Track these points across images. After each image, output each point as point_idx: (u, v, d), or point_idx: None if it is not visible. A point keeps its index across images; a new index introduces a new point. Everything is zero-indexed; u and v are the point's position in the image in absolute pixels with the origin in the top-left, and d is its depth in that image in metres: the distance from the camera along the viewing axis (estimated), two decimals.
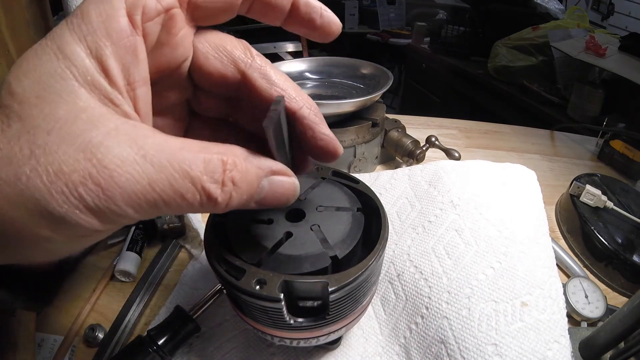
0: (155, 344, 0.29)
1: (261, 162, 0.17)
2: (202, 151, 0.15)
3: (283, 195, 0.19)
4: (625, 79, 0.91)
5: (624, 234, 0.43)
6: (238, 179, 0.16)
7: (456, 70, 1.69)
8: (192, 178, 0.14)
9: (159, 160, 0.14)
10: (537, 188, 0.38)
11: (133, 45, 0.15)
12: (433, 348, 0.28)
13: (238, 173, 0.16)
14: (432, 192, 0.39)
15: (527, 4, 1.60)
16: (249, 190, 0.16)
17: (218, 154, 0.15)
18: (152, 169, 0.14)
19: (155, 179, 0.14)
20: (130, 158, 0.13)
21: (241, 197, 0.16)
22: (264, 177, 0.17)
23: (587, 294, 0.36)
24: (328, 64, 0.62)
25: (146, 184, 0.14)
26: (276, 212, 0.26)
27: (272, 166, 0.18)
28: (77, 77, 0.14)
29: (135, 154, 0.13)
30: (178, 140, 0.15)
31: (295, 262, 0.23)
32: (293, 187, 0.19)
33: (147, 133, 0.14)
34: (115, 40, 0.14)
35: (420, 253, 0.34)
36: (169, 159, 0.14)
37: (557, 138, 0.75)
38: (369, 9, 2.44)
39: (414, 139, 0.54)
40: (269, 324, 0.23)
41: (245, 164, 0.16)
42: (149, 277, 0.37)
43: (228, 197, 0.15)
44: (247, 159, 0.17)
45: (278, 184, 0.18)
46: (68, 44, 0.14)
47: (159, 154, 0.14)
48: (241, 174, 0.16)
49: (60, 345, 0.32)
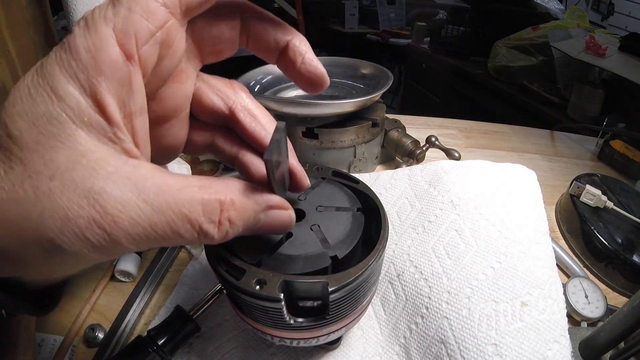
0: (155, 344, 0.29)
1: (258, 197, 0.18)
2: (200, 191, 0.15)
3: (279, 227, 0.20)
4: (625, 79, 0.91)
5: (624, 234, 0.43)
6: (234, 217, 0.16)
7: (456, 70, 1.69)
8: (190, 220, 0.15)
9: (159, 203, 0.14)
10: (537, 188, 0.38)
11: (127, 77, 0.14)
12: (433, 348, 0.28)
13: (235, 212, 0.16)
14: (432, 192, 0.39)
15: (527, 4, 1.60)
16: (245, 224, 0.17)
17: (216, 194, 0.16)
18: (152, 212, 0.14)
19: (155, 221, 0.14)
20: (131, 202, 0.14)
21: (237, 231, 0.17)
22: (260, 212, 0.18)
23: (587, 294, 0.36)
24: (328, 64, 0.62)
25: (147, 226, 0.14)
26: None
27: (269, 201, 0.18)
28: (73, 119, 0.14)
29: (137, 198, 0.14)
30: (177, 180, 0.15)
31: (296, 262, 0.23)
32: (289, 219, 0.20)
33: (147, 174, 0.15)
34: (108, 74, 0.14)
35: (420, 253, 0.34)
36: (169, 202, 0.15)
37: (557, 138, 0.75)
38: (369, 9, 2.45)
39: (414, 139, 0.54)
40: (269, 324, 0.23)
41: (243, 200, 0.17)
42: (149, 277, 0.37)
43: (224, 234, 0.16)
44: (245, 194, 0.17)
45: (275, 217, 0.19)
46: (60, 84, 0.14)
47: (158, 196, 0.14)
48: (238, 212, 0.16)
49: (60, 345, 0.32)
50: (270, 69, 0.59)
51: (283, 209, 0.19)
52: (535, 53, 1.32)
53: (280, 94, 0.57)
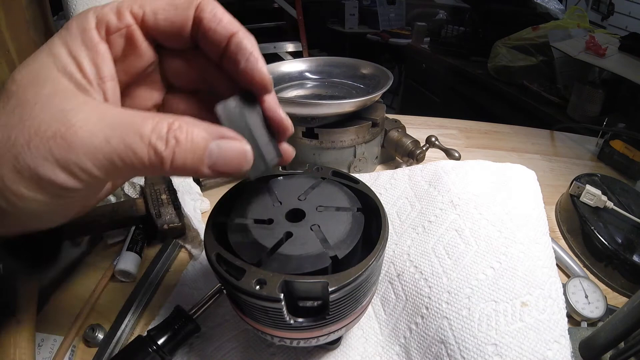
0: (155, 344, 0.29)
1: (210, 127, 0.19)
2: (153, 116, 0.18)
3: (233, 161, 0.19)
4: (625, 79, 0.91)
5: (624, 234, 0.43)
6: (181, 138, 0.18)
7: (456, 70, 1.69)
8: (141, 135, 0.17)
9: (115, 121, 0.17)
10: (537, 188, 0.38)
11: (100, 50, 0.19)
12: (433, 348, 0.28)
13: (182, 133, 0.18)
14: (432, 192, 0.39)
15: (527, 4, 1.60)
16: (193, 149, 0.18)
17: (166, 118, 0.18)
18: (108, 128, 0.17)
19: (110, 135, 0.17)
20: (92, 119, 0.17)
21: (186, 156, 0.18)
22: (211, 140, 0.18)
23: (587, 294, 0.36)
24: (328, 64, 0.62)
25: (103, 138, 0.16)
26: (276, 212, 0.26)
27: (222, 131, 0.19)
28: (59, 68, 0.18)
29: (97, 117, 0.17)
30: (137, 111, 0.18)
31: (295, 262, 0.23)
32: (243, 151, 0.20)
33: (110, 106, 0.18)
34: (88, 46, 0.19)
35: (420, 253, 0.34)
36: (124, 120, 0.17)
37: (557, 138, 0.75)
38: (369, 9, 2.45)
39: (414, 139, 0.54)
40: (269, 324, 0.23)
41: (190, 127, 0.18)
42: (149, 277, 0.37)
43: (171, 153, 0.17)
44: (195, 123, 0.18)
45: (227, 148, 0.19)
46: (56, 46, 0.19)
47: (116, 117, 0.17)
48: (185, 134, 0.18)
49: (60, 345, 0.32)
50: (270, 69, 0.59)
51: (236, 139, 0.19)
52: (535, 53, 1.32)
53: (280, 94, 0.57)
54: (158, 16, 0.21)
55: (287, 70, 0.61)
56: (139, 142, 0.17)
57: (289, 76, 0.60)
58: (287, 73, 0.60)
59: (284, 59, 0.75)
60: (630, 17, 1.36)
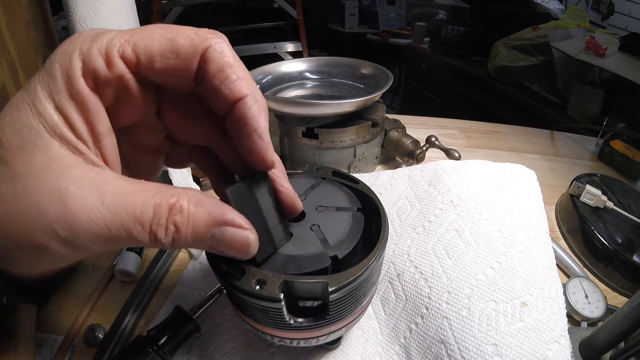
0: (155, 344, 0.29)
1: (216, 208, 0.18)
2: (155, 196, 0.17)
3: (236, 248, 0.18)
4: (625, 79, 0.91)
5: (624, 234, 0.42)
6: (180, 223, 0.17)
7: (456, 70, 1.69)
8: (142, 223, 0.16)
9: (114, 205, 0.16)
10: (537, 188, 0.38)
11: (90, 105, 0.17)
12: (433, 348, 0.28)
13: (180, 217, 0.17)
14: (432, 192, 0.39)
15: (527, 4, 1.60)
16: (194, 234, 0.17)
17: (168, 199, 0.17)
18: (108, 214, 0.16)
19: (110, 222, 0.16)
20: (90, 203, 0.16)
21: (186, 240, 0.17)
22: (214, 226, 0.17)
23: (587, 294, 0.36)
24: (328, 64, 0.62)
25: (103, 225, 0.16)
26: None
27: (226, 215, 0.18)
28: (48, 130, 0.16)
29: (95, 200, 0.16)
30: (136, 185, 0.17)
31: (295, 262, 0.23)
32: (247, 241, 0.18)
33: (109, 180, 0.17)
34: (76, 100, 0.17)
35: (420, 253, 0.34)
36: (124, 205, 0.16)
37: (557, 138, 0.75)
38: (369, 9, 2.45)
39: (414, 139, 0.54)
40: (269, 324, 0.23)
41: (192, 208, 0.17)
42: (149, 277, 0.37)
43: (170, 239, 0.17)
44: (199, 203, 0.17)
45: (230, 236, 0.18)
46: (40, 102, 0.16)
47: (115, 199, 0.16)
48: (184, 218, 0.17)
49: (60, 345, 0.32)
50: (270, 69, 0.59)
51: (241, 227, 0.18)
52: (535, 53, 1.32)
53: (280, 94, 0.57)
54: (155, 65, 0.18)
55: (287, 70, 0.61)
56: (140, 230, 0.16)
57: (289, 76, 0.60)
58: (287, 73, 0.60)
59: (284, 59, 0.75)
60: (630, 17, 1.36)
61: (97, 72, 0.17)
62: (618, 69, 0.94)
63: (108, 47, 0.17)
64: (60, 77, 0.17)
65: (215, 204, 0.18)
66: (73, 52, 0.17)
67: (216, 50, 0.18)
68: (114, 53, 0.17)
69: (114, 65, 0.17)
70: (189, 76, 0.18)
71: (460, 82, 1.67)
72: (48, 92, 0.17)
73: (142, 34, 0.18)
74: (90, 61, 0.17)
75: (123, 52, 0.17)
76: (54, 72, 0.17)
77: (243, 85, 0.18)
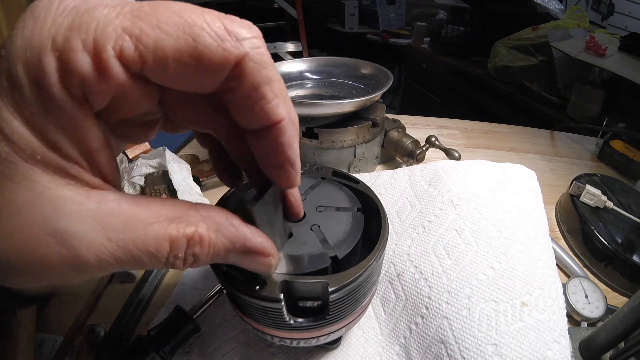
0: (155, 344, 0.29)
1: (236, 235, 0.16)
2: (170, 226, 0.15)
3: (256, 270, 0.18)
4: (625, 79, 0.91)
5: (624, 234, 0.42)
6: (200, 254, 0.15)
7: (456, 70, 1.69)
8: (157, 257, 0.15)
9: (124, 242, 0.14)
10: (537, 188, 0.38)
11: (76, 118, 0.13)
12: (433, 348, 0.28)
13: (200, 249, 0.15)
14: (432, 192, 0.39)
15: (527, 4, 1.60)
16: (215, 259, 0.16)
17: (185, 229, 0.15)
18: (117, 250, 0.14)
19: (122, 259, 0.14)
20: (96, 242, 0.13)
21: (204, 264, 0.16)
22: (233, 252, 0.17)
23: (587, 294, 0.36)
24: (328, 64, 0.62)
25: (114, 262, 0.14)
26: None
27: (249, 242, 0.17)
28: (26, 158, 0.12)
29: (101, 237, 0.14)
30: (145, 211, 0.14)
31: (295, 262, 0.23)
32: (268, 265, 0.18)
33: (113, 208, 0.14)
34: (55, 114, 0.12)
35: (420, 253, 0.34)
36: (135, 240, 0.14)
37: (557, 138, 0.75)
38: (369, 9, 2.45)
39: (414, 139, 0.54)
40: (269, 324, 0.23)
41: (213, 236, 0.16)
42: (149, 277, 0.37)
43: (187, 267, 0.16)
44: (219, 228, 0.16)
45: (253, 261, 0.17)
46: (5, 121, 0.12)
47: (124, 234, 0.14)
48: (204, 249, 0.15)
49: (60, 345, 0.32)
50: None
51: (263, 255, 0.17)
52: (535, 53, 1.32)
53: None
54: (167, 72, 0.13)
55: (287, 70, 0.61)
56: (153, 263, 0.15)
57: (289, 76, 0.60)
58: (287, 73, 0.60)
59: (284, 59, 0.75)
60: (630, 17, 1.36)
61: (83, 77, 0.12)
62: (618, 69, 0.94)
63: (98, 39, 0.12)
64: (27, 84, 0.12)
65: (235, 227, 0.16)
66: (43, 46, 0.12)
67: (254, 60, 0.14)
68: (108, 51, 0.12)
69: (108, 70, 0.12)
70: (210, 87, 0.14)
71: (460, 82, 1.67)
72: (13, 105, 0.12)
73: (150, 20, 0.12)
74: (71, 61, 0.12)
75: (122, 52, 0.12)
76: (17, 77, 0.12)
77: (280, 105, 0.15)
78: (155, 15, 0.12)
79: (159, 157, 0.49)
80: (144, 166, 0.49)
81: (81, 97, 0.13)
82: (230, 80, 0.14)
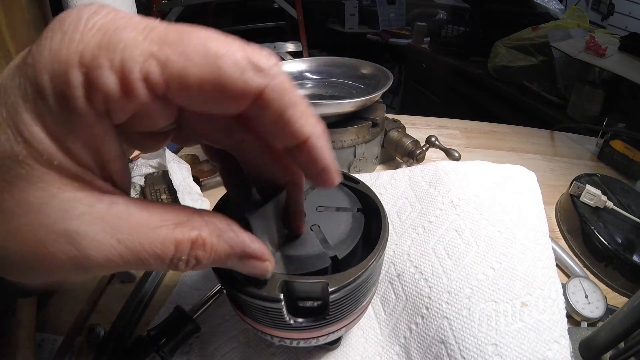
0: (155, 344, 0.29)
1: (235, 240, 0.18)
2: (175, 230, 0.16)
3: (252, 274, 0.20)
4: (625, 79, 0.91)
5: (624, 234, 0.42)
6: (202, 257, 0.16)
7: (456, 70, 1.69)
8: (162, 258, 0.15)
9: (132, 244, 0.15)
10: (537, 189, 0.38)
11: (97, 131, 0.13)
12: (433, 348, 0.28)
13: (203, 252, 0.16)
14: (432, 192, 0.39)
15: (527, 4, 1.60)
16: (215, 262, 0.17)
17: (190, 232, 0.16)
18: (125, 251, 0.15)
19: (129, 259, 0.15)
20: (105, 242, 0.14)
21: (205, 267, 0.17)
22: (233, 257, 0.18)
23: (587, 294, 0.36)
24: (328, 64, 0.62)
25: (121, 262, 0.15)
26: None
27: (247, 247, 0.18)
28: (42, 162, 0.13)
29: (110, 238, 0.14)
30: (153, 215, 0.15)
31: (295, 262, 0.23)
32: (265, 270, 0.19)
33: (122, 211, 0.15)
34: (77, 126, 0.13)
35: (420, 253, 0.34)
36: (142, 243, 0.15)
37: (557, 138, 0.75)
38: (369, 9, 2.45)
39: (414, 139, 0.54)
40: (269, 324, 0.23)
41: (215, 240, 0.17)
42: (149, 277, 0.37)
43: (190, 269, 0.17)
44: (220, 234, 0.17)
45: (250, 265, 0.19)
46: (25, 125, 0.13)
47: (132, 236, 0.15)
48: (207, 252, 0.17)
49: (60, 345, 0.32)
50: None
51: (260, 260, 0.19)
52: (535, 53, 1.32)
53: None
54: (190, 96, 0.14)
55: (287, 70, 0.61)
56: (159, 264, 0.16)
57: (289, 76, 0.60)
58: (287, 73, 0.60)
59: (284, 59, 0.75)
60: (630, 17, 1.36)
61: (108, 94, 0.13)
62: (618, 69, 0.94)
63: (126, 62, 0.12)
64: (52, 95, 0.12)
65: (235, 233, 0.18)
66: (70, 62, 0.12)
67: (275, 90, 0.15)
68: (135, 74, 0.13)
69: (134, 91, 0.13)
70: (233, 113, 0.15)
71: (460, 82, 1.67)
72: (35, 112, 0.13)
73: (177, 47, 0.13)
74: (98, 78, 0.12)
75: (148, 75, 0.13)
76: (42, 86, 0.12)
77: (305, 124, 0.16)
78: (181, 42, 0.13)
79: (159, 157, 0.49)
80: (144, 166, 0.49)
81: (103, 111, 0.13)
82: (255, 108, 0.15)
